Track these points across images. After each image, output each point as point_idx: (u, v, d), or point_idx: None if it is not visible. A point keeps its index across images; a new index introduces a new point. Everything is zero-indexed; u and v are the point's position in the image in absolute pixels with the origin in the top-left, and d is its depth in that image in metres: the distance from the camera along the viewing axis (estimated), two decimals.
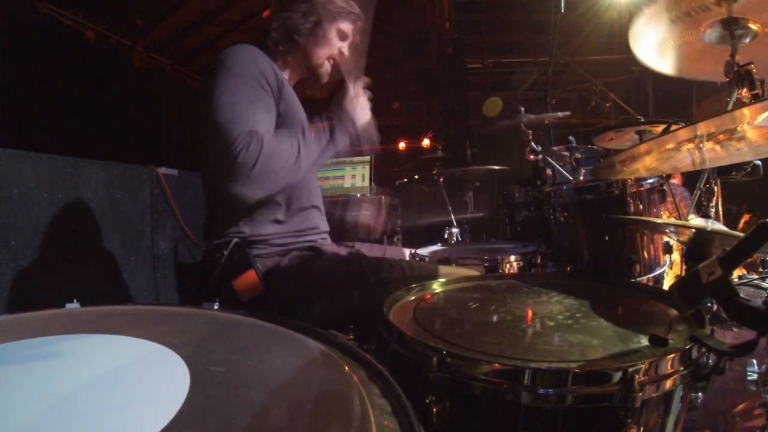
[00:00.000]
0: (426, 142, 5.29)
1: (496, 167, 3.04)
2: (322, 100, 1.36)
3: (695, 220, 1.61)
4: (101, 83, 3.95)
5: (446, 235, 2.65)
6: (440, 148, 3.26)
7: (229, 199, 1.06)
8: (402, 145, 5.42)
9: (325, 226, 1.39)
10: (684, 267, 1.65)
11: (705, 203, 1.55)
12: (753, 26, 1.25)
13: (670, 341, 0.63)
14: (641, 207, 1.69)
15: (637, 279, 1.64)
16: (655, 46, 1.46)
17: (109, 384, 0.50)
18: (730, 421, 1.11)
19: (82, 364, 0.54)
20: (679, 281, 0.69)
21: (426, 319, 0.80)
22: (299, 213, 1.26)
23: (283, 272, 1.17)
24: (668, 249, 1.73)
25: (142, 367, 0.55)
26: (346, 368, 0.54)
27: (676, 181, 3.04)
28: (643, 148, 1.04)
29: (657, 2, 1.31)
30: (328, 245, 1.33)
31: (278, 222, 1.22)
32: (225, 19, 4.57)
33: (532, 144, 2.31)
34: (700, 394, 0.68)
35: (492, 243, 2.28)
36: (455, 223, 2.84)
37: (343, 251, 1.32)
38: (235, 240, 1.17)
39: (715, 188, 1.54)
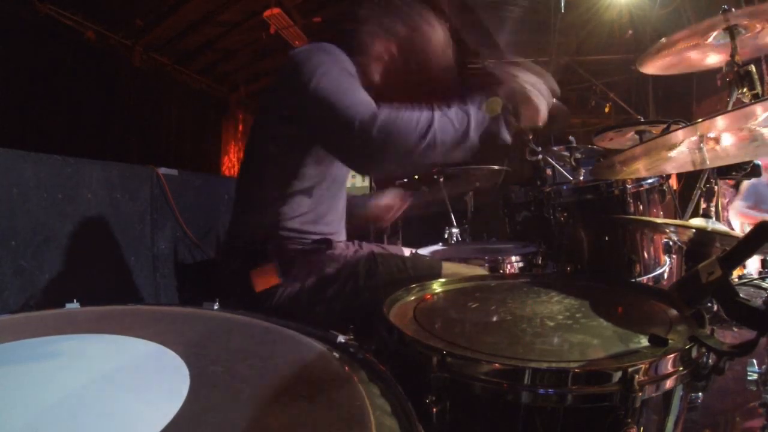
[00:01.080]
0: None
1: (496, 167, 3.03)
2: None
3: (695, 220, 1.61)
4: (101, 83, 3.95)
5: (446, 235, 2.65)
6: None
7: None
8: None
9: (344, 234, 1.40)
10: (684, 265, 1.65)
11: (705, 203, 1.55)
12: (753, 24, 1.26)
13: (670, 341, 0.63)
14: (641, 207, 1.69)
15: (637, 279, 1.64)
16: (661, 61, 1.49)
17: (109, 384, 0.50)
18: (730, 421, 1.11)
19: (82, 364, 0.55)
20: (679, 281, 0.69)
21: (426, 319, 0.80)
22: (324, 218, 1.28)
23: (296, 267, 1.18)
24: (668, 249, 1.73)
25: (142, 367, 0.55)
26: (346, 368, 0.54)
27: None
28: (643, 148, 1.04)
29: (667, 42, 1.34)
30: (342, 243, 1.34)
31: (303, 223, 1.23)
32: (225, 19, 4.57)
33: (532, 144, 2.30)
34: (700, 394, 0.68)
35: (492, 243, 2.27)
36: (455, 223, 2.84)
37: (351, 248, 1.33)
38: (258, 233, 1.19)
39: (715, 188, 1.54)
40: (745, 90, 1.33)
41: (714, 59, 1.54)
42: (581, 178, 2.10)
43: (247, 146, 1.36)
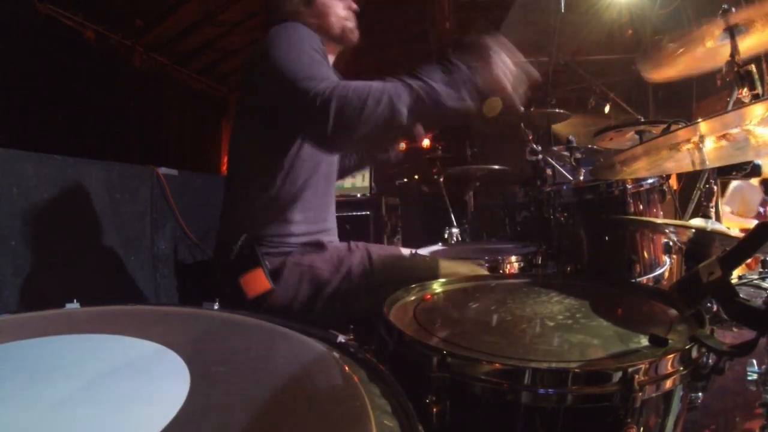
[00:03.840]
0: (426, 142, 5.28)
1: (496, 167, 3.04)
2: None
3: (695, 220, 1.61)
4: (101, 83, 3.95)
5: (446, 235, 2.65)
6: (440, 148, 3.27)
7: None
8: (402, 145, 5.40)
9: (335, 234, 1.39)
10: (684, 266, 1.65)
11: (705, 203, 1.55)
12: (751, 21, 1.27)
13: (670, 341, 0.63)
14: (641, 207, 1.69)
15: (637, 279, 1.64)
16: (662, 67, 1.49)
17: (109, 384, 0.50)
18: (730, 421, 1.11)
19: (82, 364, 0.54)
20: (679, 281, 0.69)
21: (426, 319, 0.80)
22: (314, 218, 1.27)
23: (288, 270, 1.17)
24: (668, 249, 1.73)
25: (142, 367, 0.55)
26: (346, 368, 0.54)
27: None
28: (643, 148, 1.04)
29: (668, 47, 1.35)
30: (334, 243, 1.34)
31: (292, 225, 1.22)
32: (225, 19, 4.58)
33: (532, 144, 2.30)
34: (700, 394, 0.68)
35: (492, 243, 2.28)
36: (455, 223, 2.84)
37: (344, 249, 1.32)
38: (245, 236, 1.17)
39: (715, 188, 1.54)
40: (745, 90, 1.33)
41: (715, 61, 1.53)
42: (581, 178, 2.10)
43: (230, 148, 1.35)
